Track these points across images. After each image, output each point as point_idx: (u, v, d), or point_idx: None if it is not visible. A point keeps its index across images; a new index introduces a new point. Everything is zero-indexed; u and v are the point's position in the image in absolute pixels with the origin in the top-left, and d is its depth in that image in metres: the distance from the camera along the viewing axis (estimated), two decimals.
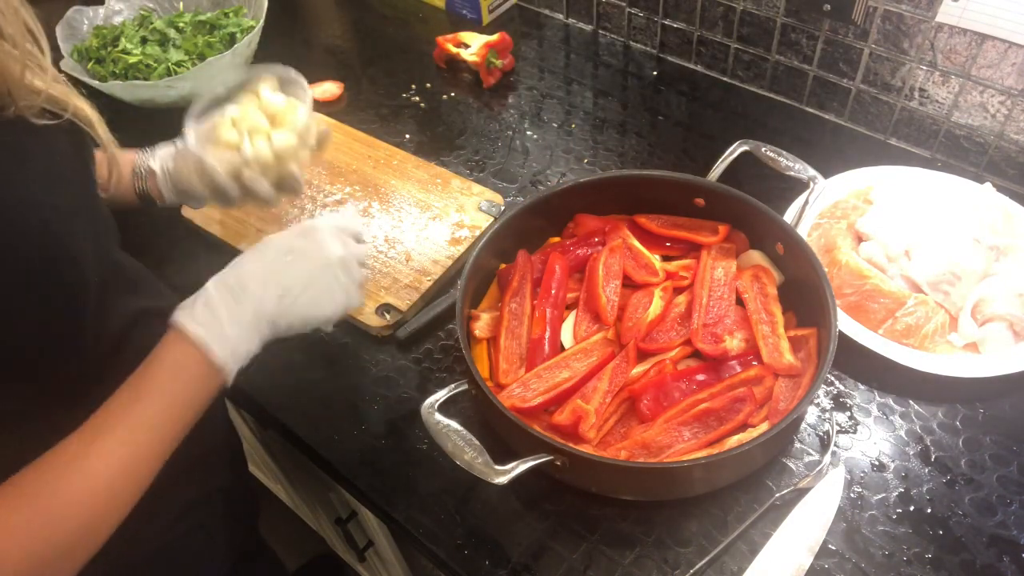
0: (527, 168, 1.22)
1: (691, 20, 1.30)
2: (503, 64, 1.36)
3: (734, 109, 1.29)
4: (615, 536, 0.81)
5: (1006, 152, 1.09)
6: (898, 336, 0.92)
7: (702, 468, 0.76)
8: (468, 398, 0.91)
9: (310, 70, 1.44)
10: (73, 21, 1.38)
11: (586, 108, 1.32)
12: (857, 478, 0.84)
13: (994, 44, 1.01)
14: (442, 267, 1.05)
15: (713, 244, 0.97)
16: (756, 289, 0.93)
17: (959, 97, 1.09)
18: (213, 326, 0.66)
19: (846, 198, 1.06)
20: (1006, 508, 0.80)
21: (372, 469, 0.88)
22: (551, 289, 0.93)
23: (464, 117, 1.32)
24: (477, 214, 1.12)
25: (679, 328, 0.92)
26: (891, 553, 0.78)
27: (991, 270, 0.96)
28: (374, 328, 1.00)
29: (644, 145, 1.24)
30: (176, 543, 0.84)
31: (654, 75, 1.37)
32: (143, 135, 1.24)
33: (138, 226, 0.94)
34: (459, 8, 1.53)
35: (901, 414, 0.89)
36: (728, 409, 0.83)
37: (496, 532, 0.82)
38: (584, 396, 0.84)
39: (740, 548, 0.79)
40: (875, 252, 0.99)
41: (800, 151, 1.00)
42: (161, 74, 1.30)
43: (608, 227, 1.00)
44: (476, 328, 0.91)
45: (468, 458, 0.73)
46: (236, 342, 0.67)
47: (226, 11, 1.42)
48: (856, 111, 1.21)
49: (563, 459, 0.75)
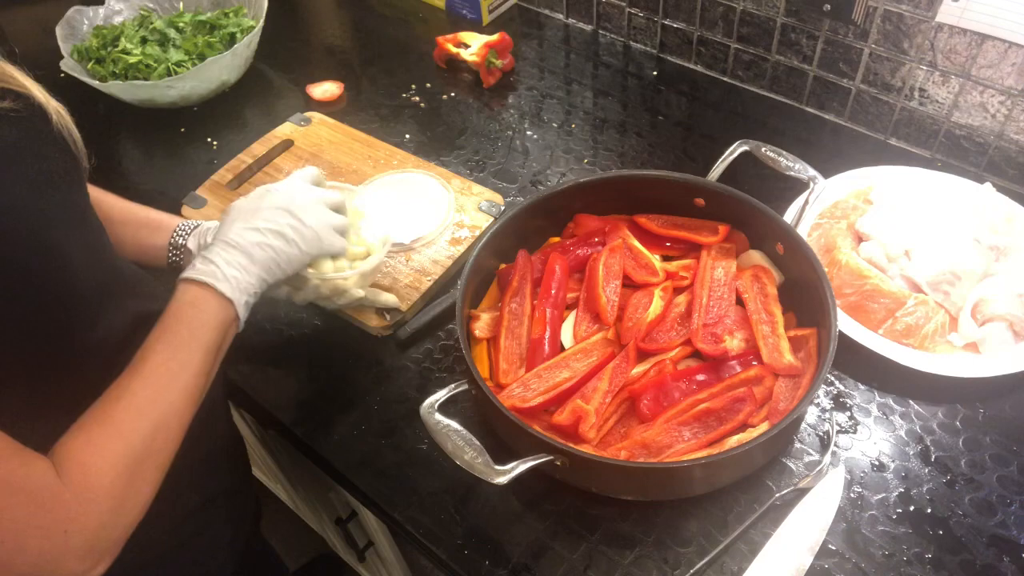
0: (527, 168, 1.22)
1: (691, 20, 1.30)
2: (503, 64, 1.36)
3: (734, 109, 1.29)
4: (615, 536, 0.81)
5: (1006, 152, 1.09)
6: (898, 336, 0.92)
7: (702, 468, 0.76)
8: (468, 398, 0.91)
9: (310, 70, 1.45)
10: (73, 21, 1.38)
11: (586, 108, 1.32)
12: (857, 478, 0.84)
13: (994, 44, 1.01)
14: (442, 267, 1.05)
15: (713, 244, 0.97)
16: (756, 289, 0.93)
17: (959, 97, 1.09)
18: (214, 272, 0.74)
19: (846, 198, 1.06)
20: (1006, 508, 0.80)
21: (372, 469, 0.88)
22: (551, 289, 0.93)
23: (464, 117, 1.32)
24: (477, 214, 1.12)
25: (679, 328, 0.92)
26: (891, 553, 0.78)
27: (991, 270, 0.96)
28: (374, 328, 1.00)
29: (644, 145, 1.24)
30: (181, 546, 0.84)
31: (654, 75, 1.37)
32: (143, 135, 1.24)
33: None
34: (459, 8, 1.53)
35: (901, 414, 0.89)
36: (728, 409, 0.83)
37: (496, 532, 0.82)
38: (584, 396, 0.84)
39: (740, 548, 0.79)
40: (875, 252, 0.99)
41: (800, 151, 1.00)
42: (161, 74, 1.30)
43: (608, 227, 1.00)
44: (476, 328, 0.91)
45: (468, 458, 0.73)
46: (239, 280, 0.75)
47: (226, 11, 1.42)
48: (856, 111, 1.21)
49: (563, 459, 0.75)
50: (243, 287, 0.76)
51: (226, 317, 0.74)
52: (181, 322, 0.71)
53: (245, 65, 1.38)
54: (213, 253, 0.76)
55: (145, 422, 0.65)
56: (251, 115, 1.36)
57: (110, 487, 0.60)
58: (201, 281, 0.73)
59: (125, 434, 0.63)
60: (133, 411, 0.64)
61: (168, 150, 1.31)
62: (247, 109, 1.37)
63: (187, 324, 0.71)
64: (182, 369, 0.69)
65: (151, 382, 0.67)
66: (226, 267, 0.75)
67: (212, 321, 0.73)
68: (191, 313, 0.72)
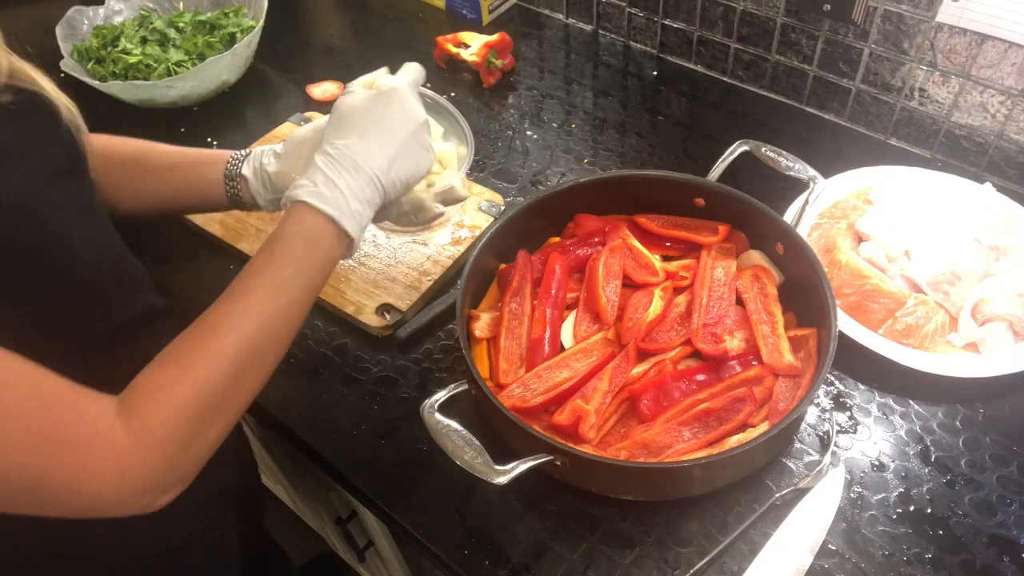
0: (527, 168, 1.22)
1: (691, 20, 1.30)
2: (503, 64, 1.36)
3: (734, 109, 1.29)
4: (615, 536, 0.81)
5: (1006, 152, 1.09)
6: (898, 336, 0.92)
7: (702, 468, 0.76)
8: (468, 398, 0.90)
9: (310, 70, 1.45)
10: (73, 21, 1.38)
11: (586, 108, 1.32)
12: (857, 478, 0.84)
13: (994, 44, 1.01)
14: (442, 267, 1.05)
15: (713, 244, 0.97)
16: (756, 289, 0.93)
17: (959, 97, 1.09)
18: (340, 203, 0.69)
19: (846, 198, 1.06)
20: (1006, 508, 0.80)
21: (372, 469, 0.88)
22: (551, 289, 0.93)
23: (464, 117, 1.32)
24: (477, 214, 1.12)
25: (679, 328, 0.92)
26: (891, 553, 0.78)
27: (991, 270, 0.96)
28: (374, 328, 1.00)
29: (644, 145, 1.24)
30: (190, 541, 0.84)
31: (654, 75, 1.37)
32: (143, 135, 1.24)
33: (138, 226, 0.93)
34: (459, 8, 1.53)
35: (901, 414, 0.89)
36: (728, 409, 0.83)
37: (496, 532, 0.82)
38: (584, 396, 0.84)
39: (740, 548, 0.79)
40: (875, 252, 0.99)
41: (800, 151, 1.00)
42: (161, 74, 1.30)
43: (608, 227, 1.00)
44: (476, 328, 0.91)
45: (468, 458, 0.73)
46: (361, 216, 0.71)
47: (226, 11, 1.42)
48: (856, 111, 1.21)
49: (563, 459, 0.75)
50: (364, 223, 0.71)
51: (339, 254, 0.70)
52: (289, 256, 0.66)
53: (245, 65, 1.38)
54: (336, 173, 0.70)
55: (224, 368, 0.61)
56: (251, 115, 1.36)
57: (172, 434, 0.58)
58: (324, 212, 0.68)
59: (200, 381, 0.60)
60: (214, 355, 0.61)
61: None
62: (247, 109, 1.37)
63: (295, 260, 0.66)
64: (277, 312, 0.64)
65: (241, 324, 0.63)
66: (352, 198, 0.70)
67: (323, 261, 0.68)
68: (303, 249, 0.67)
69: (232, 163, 0.88)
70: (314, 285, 0.69)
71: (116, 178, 0.84)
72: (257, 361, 0.64)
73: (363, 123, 0.74)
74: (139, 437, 0.57)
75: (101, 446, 0.56)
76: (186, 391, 0.60)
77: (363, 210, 0.72)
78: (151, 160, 0.88)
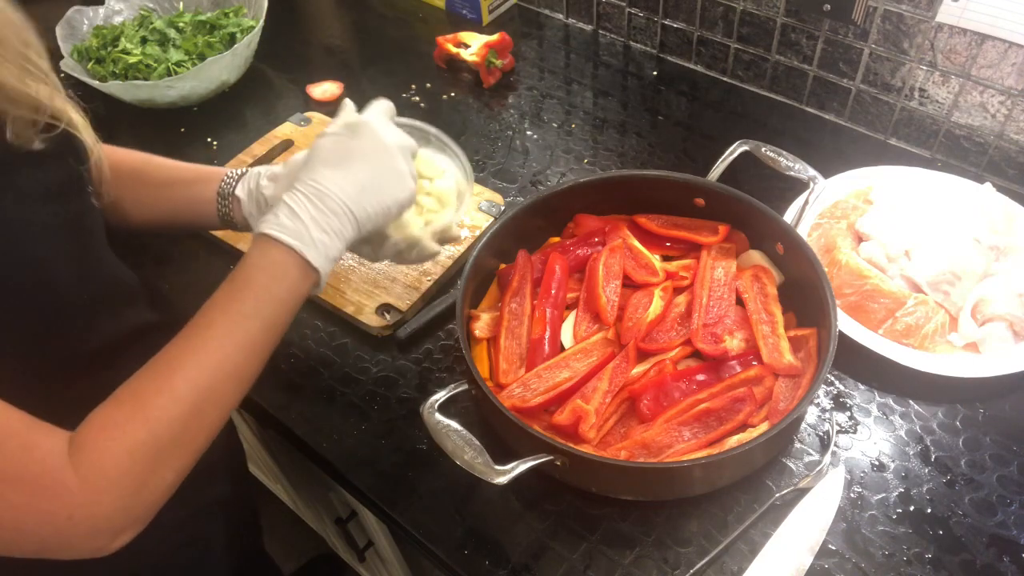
0: (527, 168, 1.22)
1: (691, 20, 1.30)
2: (503, 64, 1.36)
3: (734, 109, 1.29)
4: (615, 536, 0.81)
5: (1006, 152, 1.09)
6: (898, 336, 0.92)
7: (702, 468, 0.76)
8: (468, 398, 0.91)
9: (310, 70, 1.45)
10: (73, 21, 1.38)
11: (586, 108, 1.32)
12: (857, 478, 0.84)
13: (994, 44, 1.01)
14: (442, 267, 1.05)
15: (713, 244, 0.97)
16: (756, 289, 0.93)
17: (959, 97, 1.09)
18: (303, 233, 0.67)
19: (846, 198, 1.06)
20: (1006, 508, 0.80)
21: (372, 469, 0.88)
22: (551, 289, 0.93)
23: (464, 117, 1.32)
24: (477, 214, 1.12)
25: (679, 328, 0.92)
26: (891, 553, 0.78)
27: (991, 270, 0.96)
28: (374, 328, 1.00)
29: (644, 145, 1.24)
30: (173, 556, 0.83)
31: (654, 75, 1.37)
32: (143, 135, 1.24)
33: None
34: (459, 8, 1.53)
35: (901, 414, 0.89)
36: (728, 409, 0.83)
37: (496, 532, 0.82)
38: (584, 396, 0.84)
39: (740, 548, 0.79)
40: (875, 252, 0.99)
41: (800, 151, 1.00)
42: (161, 74, 1.30)
43: (608, 227, 1.00)
44: (476, 328, 0.91)
45: (468, 458, 0.73)
46: (327, 246, 0.68)
47: (226, 11, 1.42)
48: (856, 111, 1.21)
49: (563, 459, 0.75)
50: (332, 255, 0.69)
51: (305, 289, 0.67)
52: (250, 289, 0.64)
53: (245, 65, 1.38)
54: (298, 204, 0.68)
55: (180, 406, 0.59)
56: (251, 115, 1.36)
57: (124, 475, 0.56)
58: (285, 243, 0.66)
59: (152, 420, 0.57)
60: (168, 393, 0.59)
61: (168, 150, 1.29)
62: (247, 109, 1.37)
63: (256, 294, 0.64)
64: (237, 348, 0.62)
65: (198, 360, 0.60)
66: (314, 228, 0.67)
67: (287, 293, 0.66)
68: (266, 281, 0.65)
69: (226, 182, 0.86)
70: (278, 319, 0.66)
71: (118, 192, 0.83)
72: (216, 398, 0.62)
73: (332, 156, 0.73)
74: (89, 477, 0.55)
75: (50, 485, 0.54)
76: (138, 430, 0.57)
77: (329, 240, 0.69)
78: (151, 176, 0.86)
